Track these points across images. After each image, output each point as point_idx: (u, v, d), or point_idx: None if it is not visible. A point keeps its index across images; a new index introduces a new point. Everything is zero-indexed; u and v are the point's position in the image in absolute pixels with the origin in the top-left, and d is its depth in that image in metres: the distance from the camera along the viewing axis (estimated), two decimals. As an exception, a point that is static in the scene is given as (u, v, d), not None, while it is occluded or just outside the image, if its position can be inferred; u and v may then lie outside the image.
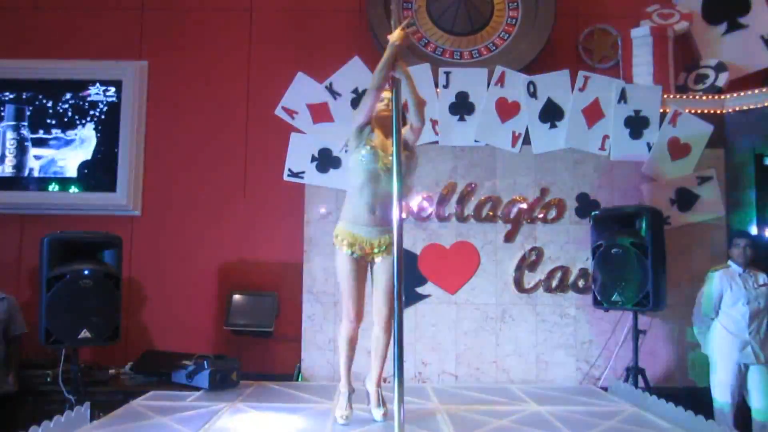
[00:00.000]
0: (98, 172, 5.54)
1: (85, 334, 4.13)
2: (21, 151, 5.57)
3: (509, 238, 5.19)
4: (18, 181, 5.54)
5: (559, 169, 5.24)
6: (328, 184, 5.19)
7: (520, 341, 5.12)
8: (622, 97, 5.21)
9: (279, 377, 4.83)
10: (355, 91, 5.24)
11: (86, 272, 4.18)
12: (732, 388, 4.50)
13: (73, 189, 5.53)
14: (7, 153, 5.56)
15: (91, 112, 5.58)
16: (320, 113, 5.27)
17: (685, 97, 5.33)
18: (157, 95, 5.60)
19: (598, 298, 4.81)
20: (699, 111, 5.26)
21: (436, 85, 5.23)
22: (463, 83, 5.25)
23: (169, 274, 5.42)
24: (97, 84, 5.59)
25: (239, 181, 5.53)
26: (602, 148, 5.23)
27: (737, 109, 5.25)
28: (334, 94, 5.26)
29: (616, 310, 4.89)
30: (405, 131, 3.41)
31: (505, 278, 5.17)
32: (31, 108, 5.58)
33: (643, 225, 4.65)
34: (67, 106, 5.58)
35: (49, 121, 5.57)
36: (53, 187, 5.53)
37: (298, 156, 5.22)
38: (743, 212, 5.20)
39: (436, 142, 5.23)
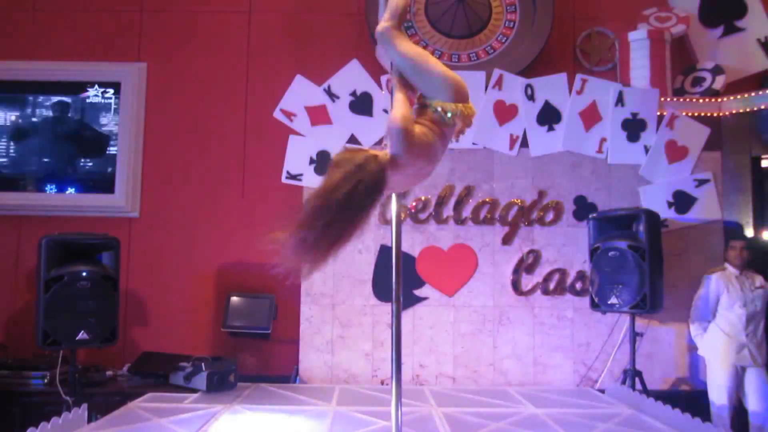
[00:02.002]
0: (96, 174, 5.55)
1: (82, 335, 4.14)
2: (19, 153, 5.57)
3: (507, 240, 5.20)
4: (16, 182, 5.53)
5: (556, 171, 5.25)
6: (326, 186, 5.18)
7: (518, 343, 5.13)
8: (620, 100, 5.23)
9: (277, 379, 4.83)
10: (354, 93, 5.26)
11: (84, 274, 4.20)
12: (729, 390, 4.51)
13: (71, 190, 5.53)
14: (5, 154, 5.56)
15: (90, 114, 5.58)
16: (319, 116, 5.28)
17: (682, 99, 5.35)
18: (155, 97, 5.60)
19: (596, 300, 4.81)
20: (696, 114, 5.28)
21: (435, 88, 5.23)
22: (461, 86, 5.25)
23: (167, 276, 5.42)
24: (96, 85, 5.59)
25: (238, 183, 5.53)
26: (600, 151, 5.24)
27: (734, 111, 5.26)
28: (333, 96, 5.27)
29: (614, 313, 4.90)
30: None
31: (503, 281, 5.17)
32: (29, 109, 5.58)
33: (641, 227, 4.66)
34: (66, 107, 5.58)
35: (47, 122, 5.57)
36: (51, 189, 5.53)
37: (297, 158, 5.23)
38: (740, 215, 5.22)
39: (434, 145, 5.23)
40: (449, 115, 2.59)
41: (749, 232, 5.12)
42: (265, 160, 5.40)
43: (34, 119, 5.58)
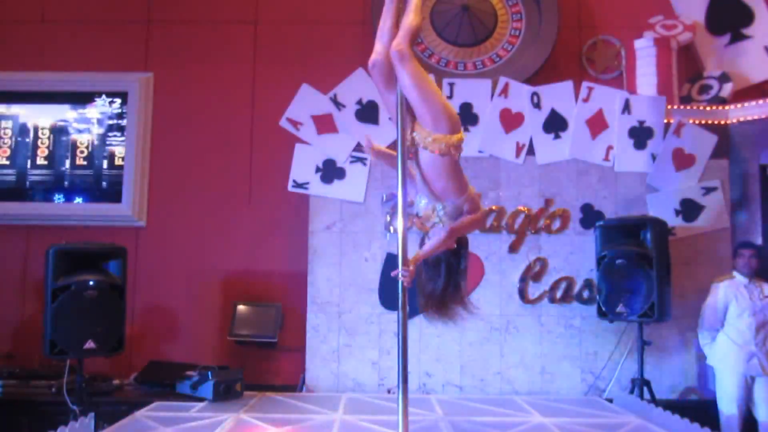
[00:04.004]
0: (104, 183, 5.57)
1: (89, 344, 4.14)
2: (27, 162, 5.60)
3: (513, 248, 5.19)
4: (24, 191, 5.56)
5: (563, 179, 5.24)
6: (333, 194, 5.20)
7: (525, 352, 5.11)
8: (626, 107, 5.22)
9: (283, 388, 4.83)
10: (359, 102, 5.27)
11: (91, 283, 4.19)
12: (738, 400, 4.48)
13: (79, 200, 5.56)
14: (13, 163, 5.59)
15: (97, 124, 5.62)
16: (325, 124, 5.29)
17: (689, 107, 5.34)
18: (162, 107, 5.63)
19: (603, 309, 4.79)
20: (703, 122, 5.26)
21: (440, 96, 5.24)
22: (467, 94, 5.27)
23: (173, 285, 5.42)
24: (103, 96, 5.62)
25: (244, 192, 5.54)
26: (606, 159, 5.23)
27: (741, 119, 5.25)
28: (339, 105, 5.29)
29: (621, 322, 4.87)
30: None
31: (510, 289, 5.16)
32: (37, 119, 5.62)
33: (648, 236, 4.64)
34: (73, 117, 5.61)
35: (55, 132, 5.60)
36: (59, 198, 5.56)
37: (303, 167, 5.24)
38: (748, 223, 5.19)
39: (441, 153, 5.23)
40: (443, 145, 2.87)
41: (758, 240, 5.08)
42: (272, 168, 5.41)
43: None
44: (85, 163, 5.60)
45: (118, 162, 5.56)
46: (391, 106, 3.00)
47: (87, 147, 5.61)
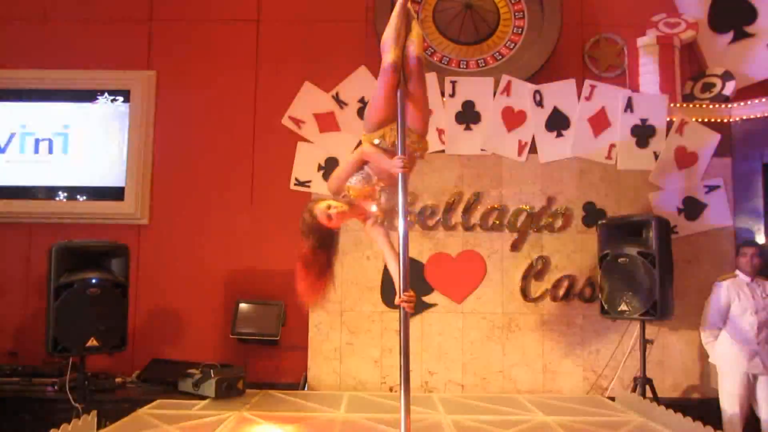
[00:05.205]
0: (106, 181, 5.57)
1: (92, 342, 4.15)
2: (29, 160, 5.60)
3: (516, 247, 5.19)
4: (26, 189, 5.56)
5: (565, 178, 5.23)
6: (335, 193, 5.20)
7: (527, 351, 5.11)
8: (629, 106, 5.21)
9: (285, 386, 4.84)
10: (362, 100, 5.27)
11: (94, 281, 4.21)
12: (740, 398, 4.47)
13: (81, 198, 5.56)
14: (15, 161, 5.59)
15: (100, 121, 5.62)
16: (327, 122, 5.30)
17: (691, 105, 5.32)
18: (165, 105, 5.63)
19: (605, 307, 4.78)
20: (706, 120, 5.26)
21: (443, 95, 5.25)
22: (470, 92, 5.27)
23: (176, 283, 5.43)
24: (106, 94, 5.62)
25: (246, 190, 5.54)
26: (609, 157, 5.23)
27: (744, 117, 5.24)
28: (341, 103, 5.29)
29: (624, 320, 4.87)
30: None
31: (512, 287, 5.16)
32: (40, 117, 5.62)
33: (651, 234, 4.63)
34: (76, 115, 5.62)
35: (57, 130, 5.61)
36: (61, 196, 5.56)
37: (305, 165, 5.25)
38: (751, 221, 5.18)
39: (443, 151, 5.24)
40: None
41: (760, 239, 5.08)
42: (274, 166, 5.41)
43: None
44: (87, 161, 5.60)
45: (120, 160, 5.56)
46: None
47: (89, 145, 5.60)
